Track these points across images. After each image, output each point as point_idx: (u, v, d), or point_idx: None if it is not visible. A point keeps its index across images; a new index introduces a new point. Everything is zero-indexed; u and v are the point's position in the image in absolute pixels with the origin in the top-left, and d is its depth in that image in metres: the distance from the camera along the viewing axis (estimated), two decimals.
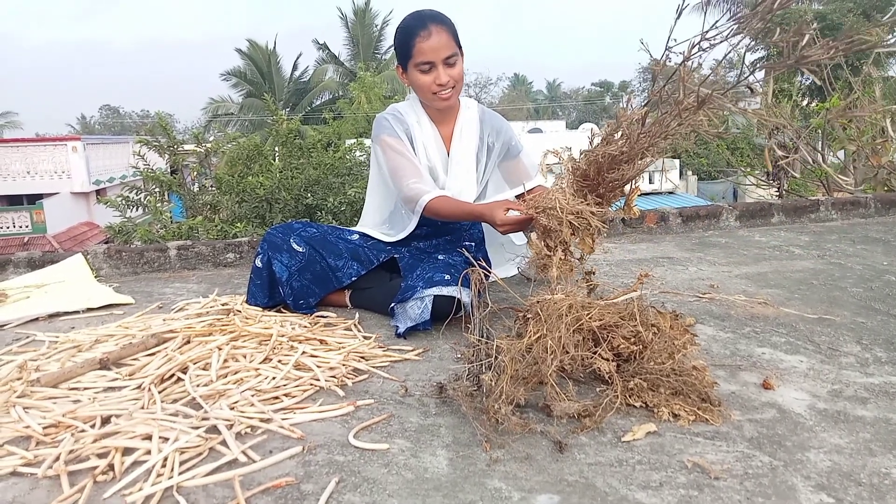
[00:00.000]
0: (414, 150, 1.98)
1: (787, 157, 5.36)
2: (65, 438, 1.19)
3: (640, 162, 1.45)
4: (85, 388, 1.42)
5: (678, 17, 1.22)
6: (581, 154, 1.53)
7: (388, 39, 27.05)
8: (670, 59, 1.29)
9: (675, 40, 1.25)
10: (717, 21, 1.23)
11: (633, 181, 1.52)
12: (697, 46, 1.26)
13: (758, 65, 1.29)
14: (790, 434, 1.19)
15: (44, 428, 1.23)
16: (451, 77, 1.88)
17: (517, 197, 1.65)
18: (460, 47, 1.91)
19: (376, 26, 27.29)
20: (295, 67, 27.55)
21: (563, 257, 1.52)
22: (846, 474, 1.06)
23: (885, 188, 5.16)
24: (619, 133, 1.47)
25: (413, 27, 1.86)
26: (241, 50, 26.46)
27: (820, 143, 5.75)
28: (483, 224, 2.17)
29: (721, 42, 1.24)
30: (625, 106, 1.46)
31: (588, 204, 1.49)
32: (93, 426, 1.24)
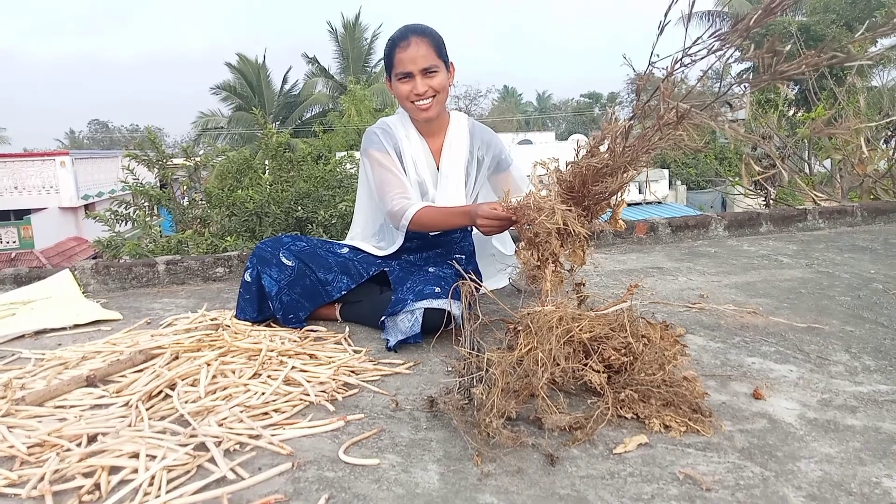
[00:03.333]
0: (402, 164, 1.99)
1: (767, 172, 5.41)
2: (50, 458, 1.17)
3: (623, 175, 1.45)
4: (71, 406, 1.40)
5: (660, 34, 1.24)
6: (567, 165, 1.54)
7: (378, 53, 27.16)
8: (653, 75, 1.31)
9: (658, 55, 1.26)
10: (699, 38, 1.24)
11: (619, 194, 1.53)
12: (679, 63, 1.27)
13: (734, 81, 1.31)
14: (781, 444, 1.20)
15: (28, 447, 1.21)
16: (430, 87, 1.90)
17: None
18: (446, 61, 1.93)
19: (366, 40, 27.39)
20: (285, 81, 27.60)
21: (554, 269, 1.52)
22: (837, 484, 1.06)
23: (871, 196, 5.22)
24: (604, 146, 1.47)
25: (395, 39, 1.91)
26: (231, 64, 26.47)
27: (806, 152, 5.81)
28: (473, 236, 2.17)
29: (702, 59, 1.26)
30: (609, 119, 1.46)
31: (572, 211, 1.49)
32: (79, 445, 1.22)
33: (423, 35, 1.89)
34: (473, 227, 2.15)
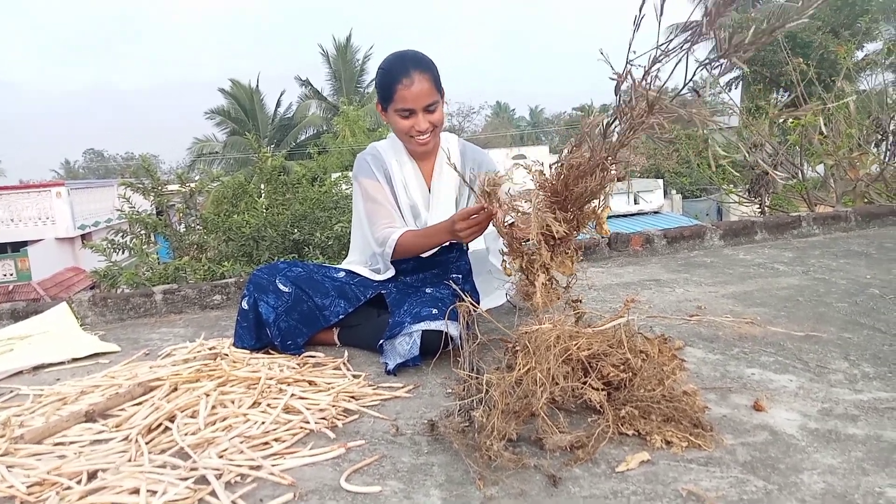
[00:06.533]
0: (393, 190, 2.00)
1: (733, 160, 5.40)
2: (50, 497, 1.16)
3: (602, 174, 1.44)
4: (70, 443, 1.39)
5: (636, 30, 1.24)
6: (550, 167, 1.54)
7: (370, 73, 27.36)
8: (631, 73, 1.31)
9: (635, 52, 1.27)
10: (671, 34, 1.25)
11: (602, 198, 1.52)
12: (656, 60, 1.28)
13: (700, 64, 1.30)
14: (783, 456, 1.19)
15: (28, 487, 1.21)
16: (431, 122, 1.91)
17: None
18: (441, 90, 1.93)
19: (358, 61, 27.61)
20: (279, 104, 27.80)
21: (545, 282, 1.52)
22: (840, 495, 1.06)
23: (865, 200, 5.25)
24: (584, 144, 1.47)
25: (395, 72, 1.87)
26: (225, 89, 26.65)
27: (798, 158, 5.84)
28: (469, 255, 2.17)
29: (680, 53, 1.26)
30: (588, 114, 1.47)
31: (555, 214, 1.48)
32: (79, 482, 1.21)
33: (424, 70, 1.87)
34: (468, 245, 2.16)
